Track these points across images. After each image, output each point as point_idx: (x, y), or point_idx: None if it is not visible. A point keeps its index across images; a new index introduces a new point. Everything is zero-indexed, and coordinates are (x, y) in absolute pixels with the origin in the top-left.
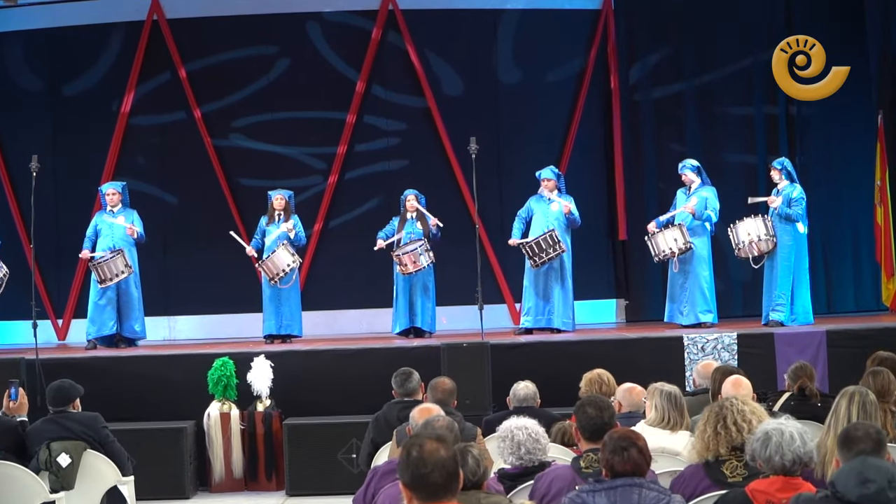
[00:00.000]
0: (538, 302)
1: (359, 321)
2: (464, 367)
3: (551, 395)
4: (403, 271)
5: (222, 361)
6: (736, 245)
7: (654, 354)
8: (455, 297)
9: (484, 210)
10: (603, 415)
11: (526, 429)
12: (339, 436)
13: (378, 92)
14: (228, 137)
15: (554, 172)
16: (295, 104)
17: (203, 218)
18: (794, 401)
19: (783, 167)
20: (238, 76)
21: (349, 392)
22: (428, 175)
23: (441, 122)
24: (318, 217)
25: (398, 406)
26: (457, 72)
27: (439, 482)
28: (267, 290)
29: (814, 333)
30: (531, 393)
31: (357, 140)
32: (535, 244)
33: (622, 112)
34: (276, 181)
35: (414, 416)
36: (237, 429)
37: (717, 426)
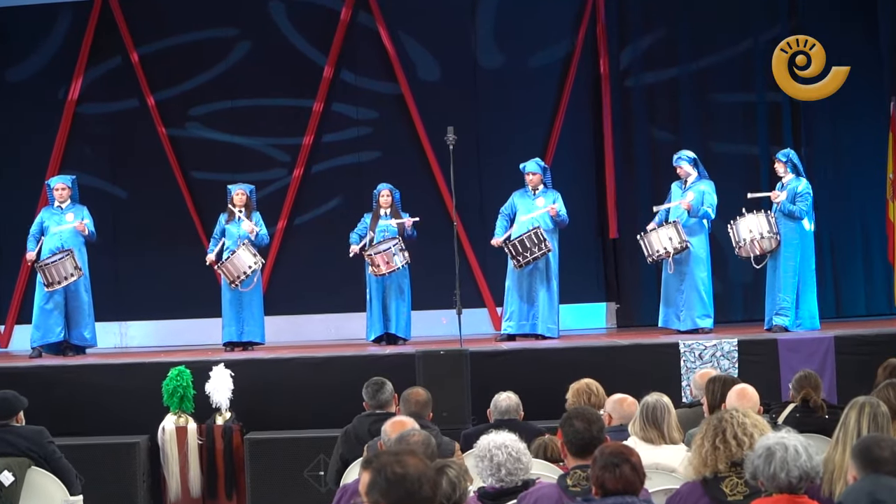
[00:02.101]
0: (522, 306)
1: (326, 327)
2: (441, 377)
3: (535, 407)
4: (376, 272)
5: (178, 371)
6: (736, 243)
7: (648, 363)
8: (431, 301)
9: (462, 206)
10: (591, 428)
11: (505, 447)
12: (306, 451)
13: (347, 77)
14: (185, 127)
15: (539, 165)
16: (257, 91)
17: (157, 215)
18: (800, 413)
19: (788, 159)
20: (195, 60)
21: (316, 404)
22: (402, 168)
23: (416, 110)
24: (282, 214)
25: (369, 419)
26: (433, 55)
27: (429, 496)
28: (227, 293)
29: (821, 340)
30: (513, 405)
31: (324, 130)
32: (519, 243)
33: (612, 99)
34: (236, 175)
35: (386, 431)
36: (194, 444)
37: (716, 440)
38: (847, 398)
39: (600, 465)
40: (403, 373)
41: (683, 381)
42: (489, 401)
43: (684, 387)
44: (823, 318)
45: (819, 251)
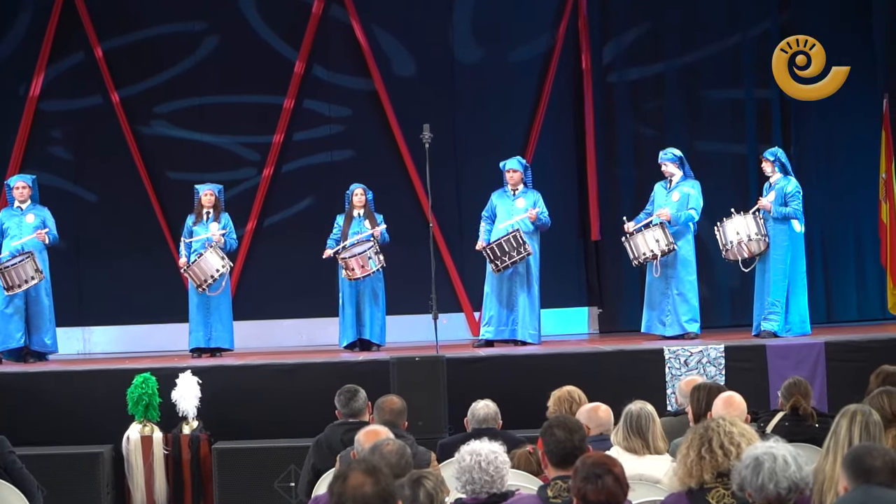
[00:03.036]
0: (501, 311)
1: (298, 332)
2: (416, 385)
3: (515, 416)
4: (350, 276)
5: (143, 378)
6: (723, 246)
7: (632, 370)
8: (406, 306)
9: (439, 207)
10: (573, 438)
11: (479, 455)
12: (276, 462)
13: (319, 73)
14: (150, 125)
15: (520, 163)
16: (225, 87)
17: (122, 216)
18: (789, 421)
19: (776, 158)
20: (161, 56)
21: (287, 413)
22: (376, 167)
23: (390, 107)
24: (252, 215)
25: (342, 428)
26: (408, 50)
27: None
28: (194, 297)
29: (811, 345)
30: (492, 413)
31: (296, 128)
32: (497, 246)
33: (595, 96)
34: (204, 174)
35: (360, 440)
36: (160, 453)
37: (702, 450)
38: (838, 406)
39: (582, 475)
40: (377, 380)
41: (668, 389)
42: (466, 409)
43: (669, 394)
44: (814, 323)
45: (809, 254)
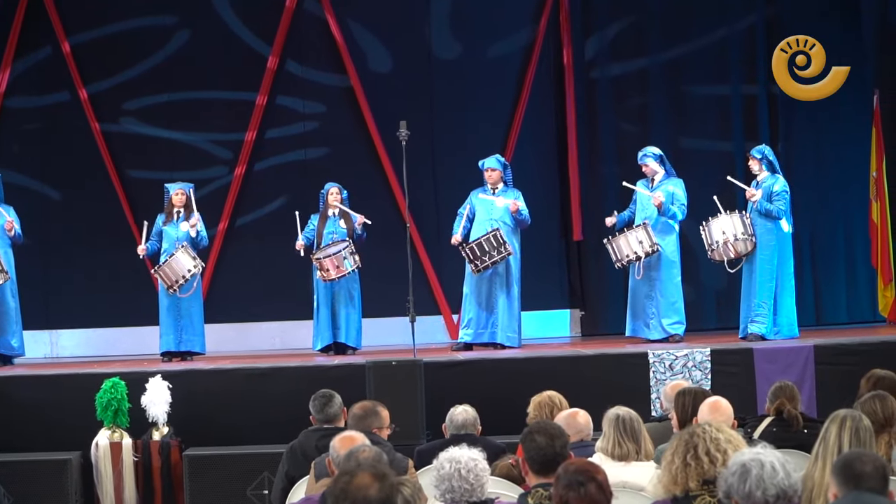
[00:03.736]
0: (480, 313)
1: (271, 335)
2: (393, 389)
3: (494, 422)
4: (325, 277)
5: (112, 383)
6: (709, 246)
7: (615, 374)
8: (383, 308)
9: (416, 206)
10: (554, 444)
11: (459, 463)
12: (249, 469)
13: (293, 69)
14: (119, 122)
15: (499, 162)
16: (196, 83)
17: (90, 215)
18: (777, 427)
19: (763, 156)
20: (130, 50)
21: (260, 418)
22: (351, 165)
23: (366, 103)
24: (224, 214)
25: (317, 434)
26: (384, 45)
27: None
28: (164, 299)
29: (800, 349)
30: (470, 419)
31: (268, 125)
32: (477, 246)
33: (577, 92)
34: (174, 173)
35: (335, 447)
36: (130, 460)
37: (687, 456)
38: (827, 411)
39: (564, 483)
40: (353, 385)
41: (653, 394)
42: (444, 414)
43: (653, 399)
44: (802, 325)
45: (798, 254)
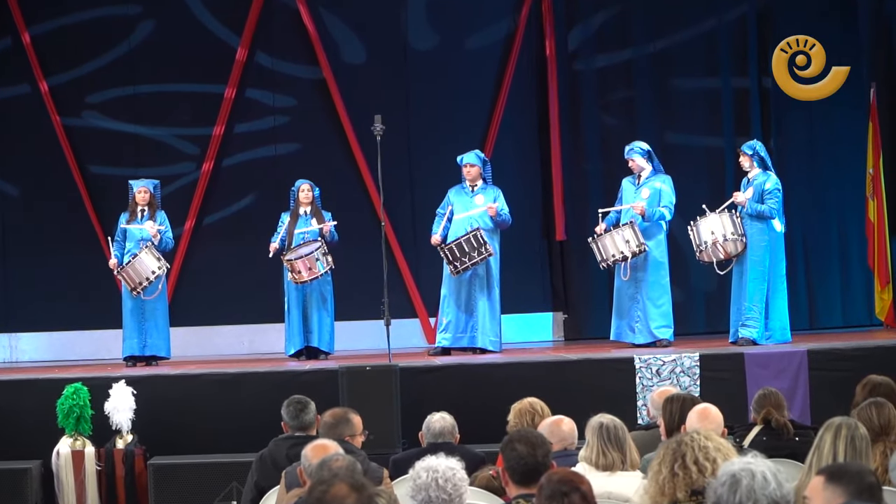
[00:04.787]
0: (459, 316)
1: (240, 340)
2: (367, 396)
3: (473, 430)
4: (296, 279)
5: (74, 388)
6: (697, 246)
7: (599, 380)
8: (357, 311)
9: (391, 204)
10: (536, 453)
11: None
12: (216, 478)
13: (263, 60)
14: (81, 116)
15: (479, 157)
16: (162, 75)
17: (51, 213)
18: (766, 435)
19: (754, 152)
20: (93, 41)
21: (228, 426)
22: (323, 161)
23: (339, 96)
24: (190, 213)
25: (288, 443)
26: (358, 36)
27: None
28: (128, 302)
29: (792, 354)
30: (448, 426)
31: (237, 119)
32: (456, 246)
33: (559, 85)
34: (138, 169)
35: (307, 455)
36: (92, 469)
37: (675, 466)
38: (822, 419)
39: (547, 494)
40: (325, 391)
41: (639, 401)
42: (421, 422)
43: (640, 406)
44: (795, 329)
45: (790, 255)
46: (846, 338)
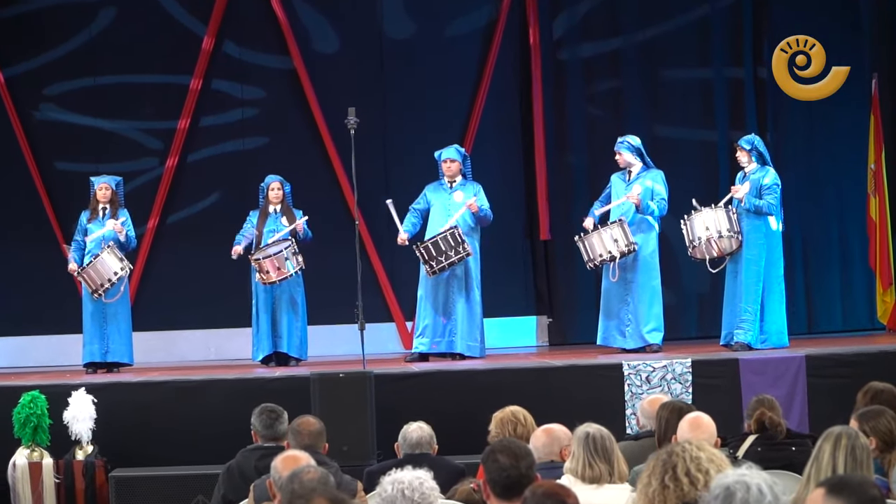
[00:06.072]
0: (437, 320)
1: (206, 345)
2: (340, 404)
3: (452, 440)
4: (265, 280)
5: (31, 397)
6: (690, 243)
7: (586, 387)
8: (329, 314)
9: (366, 201)
10: (519, 464)
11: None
12: (181, 491)
13: (231, 50)
14: (39, 108)
15: (459, 152)
16: (124, 66)
17: (6, 211)
18: (762, 446)
19: (753, 147)
20: (52, 30)
21: (194, 436)
22: (294, 156)
23: (311, 88)
24: (154, 211)
25: (256, 454)
26: (331, 24)
27: None
28: (88, 305)
29: (790, 359)
30: (426, 437)
31: (203, 111)
32: (433, 245)
33: (544, 75)
34: (100, 165)
35: (276, 467)
36: (51, 482)
37: (665, 477)
38: (820, 428)
39: None
40: (296, 399)
41: (628, 409)
42: (397, 432)
43: (629, 415)
44: (793, 333)
45: (788, 254)
46: (846, 342)
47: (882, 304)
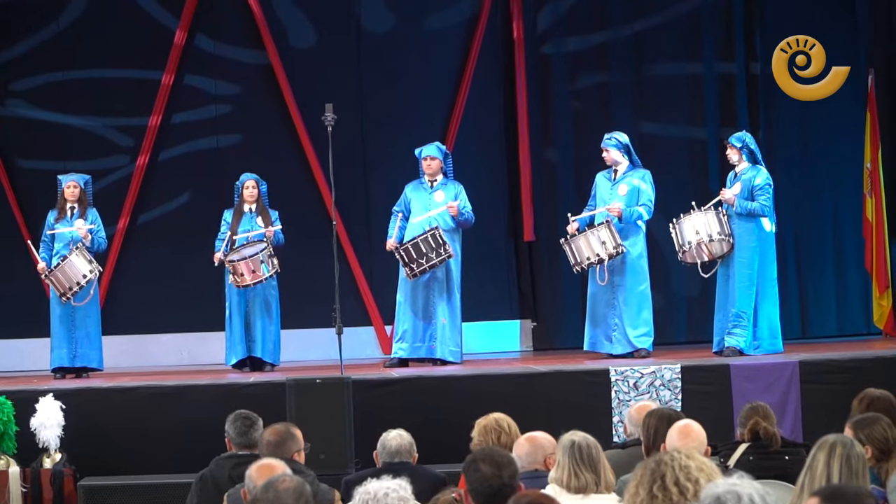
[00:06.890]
0: (416, 324)
1: (178, 349)
2: (317, 411)
3: (433, 448)
4: (238, 283)
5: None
6: (680, 247)
7: (571, 394)
8: (305, 318)
9: (344, 201)
10: (502, 474)
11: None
12: (152, 501)
13: (204, 44)
14: (5, 104)
15: (440, 150)
16: (93, 60)
17: None
18: (754, 454)
19: (744, 144)
20: (18, 23)
21: (165, 443)
22: (269, 154)
23: (287, 83)
24: (124, 211)
25: (230, 462)
26: (308, 18)
27: None
28: (56, 308)
29: (783, 365)
30: (406, 445)
31: (175, 108)
32: (413, 247)
33: (528, 70)
34: (68, 162)
35: (251, 476)
36: (17, 491)
37: (653, 487)
38: (814, 436)
39: None
40: (271, 405)
41: (615, 417)
42: (376, 440)
43: (616, 423)
44: (786, 338)
45: (781, 257)
46: (841, 348)
47: (878, 307)
